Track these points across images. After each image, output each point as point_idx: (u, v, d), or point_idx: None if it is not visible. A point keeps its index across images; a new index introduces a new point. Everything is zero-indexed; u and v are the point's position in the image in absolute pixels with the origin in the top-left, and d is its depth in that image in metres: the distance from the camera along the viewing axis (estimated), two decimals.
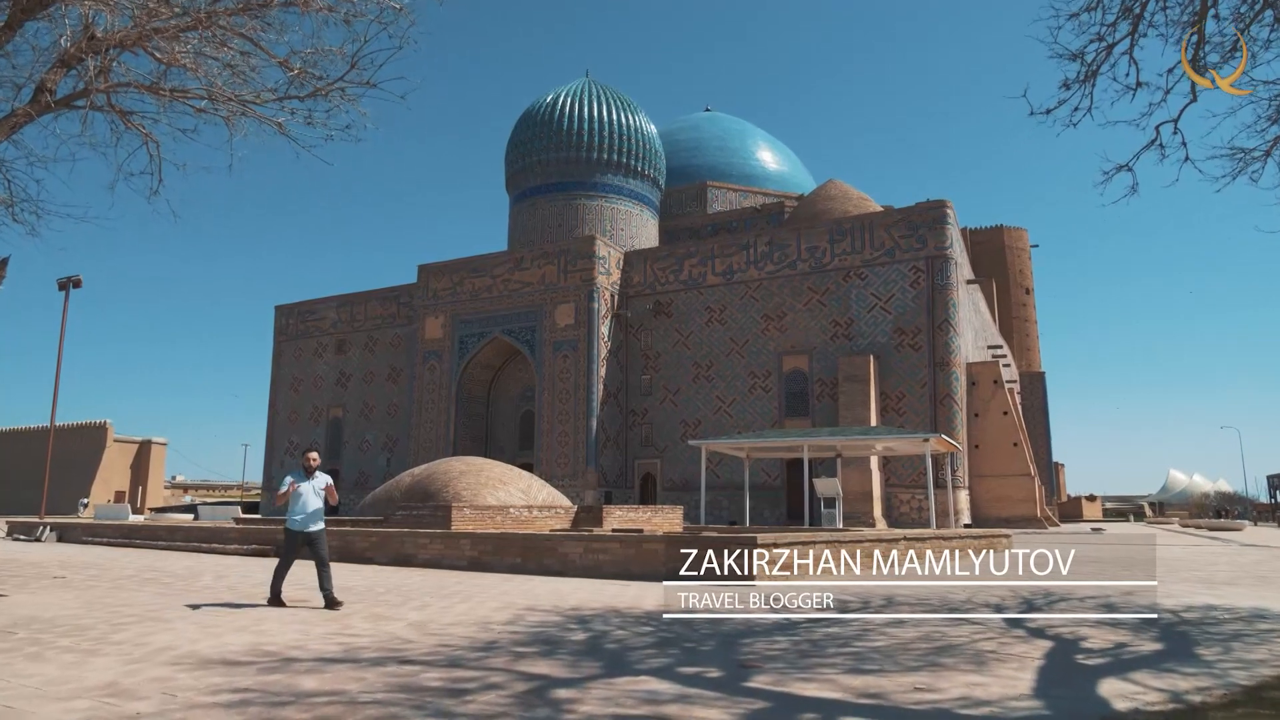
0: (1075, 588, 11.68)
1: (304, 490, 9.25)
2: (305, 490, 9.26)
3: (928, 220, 40.91)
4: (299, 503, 9.23)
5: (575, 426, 43.26)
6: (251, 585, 11.22)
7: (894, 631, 7.62)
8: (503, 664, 6.00)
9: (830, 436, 27.71)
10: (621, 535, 12.84)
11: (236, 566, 14.20)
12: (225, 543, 17.00)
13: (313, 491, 9.30)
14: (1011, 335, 71.75)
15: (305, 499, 9.23)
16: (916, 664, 6.11)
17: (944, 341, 39.55)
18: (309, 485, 9.32)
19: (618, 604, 9.52)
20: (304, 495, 9.23)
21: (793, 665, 6.05)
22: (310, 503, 9.25)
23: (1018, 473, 44.30)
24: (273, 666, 5.80)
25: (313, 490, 9.31)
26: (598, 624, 8.03)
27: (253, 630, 7.40)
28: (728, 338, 43.87)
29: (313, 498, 9.28)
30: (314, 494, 9.30)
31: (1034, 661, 6.23)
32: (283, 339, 58.54)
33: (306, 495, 9.24)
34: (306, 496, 9.24)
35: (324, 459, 53.91)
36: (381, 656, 6.22)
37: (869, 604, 9.68)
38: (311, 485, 9.33)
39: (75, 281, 28.34)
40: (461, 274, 48.68)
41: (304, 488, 9.27)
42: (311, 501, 9.26)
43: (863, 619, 8.46)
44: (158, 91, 9.77)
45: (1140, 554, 20.07)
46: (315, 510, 9.28)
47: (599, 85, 55.22)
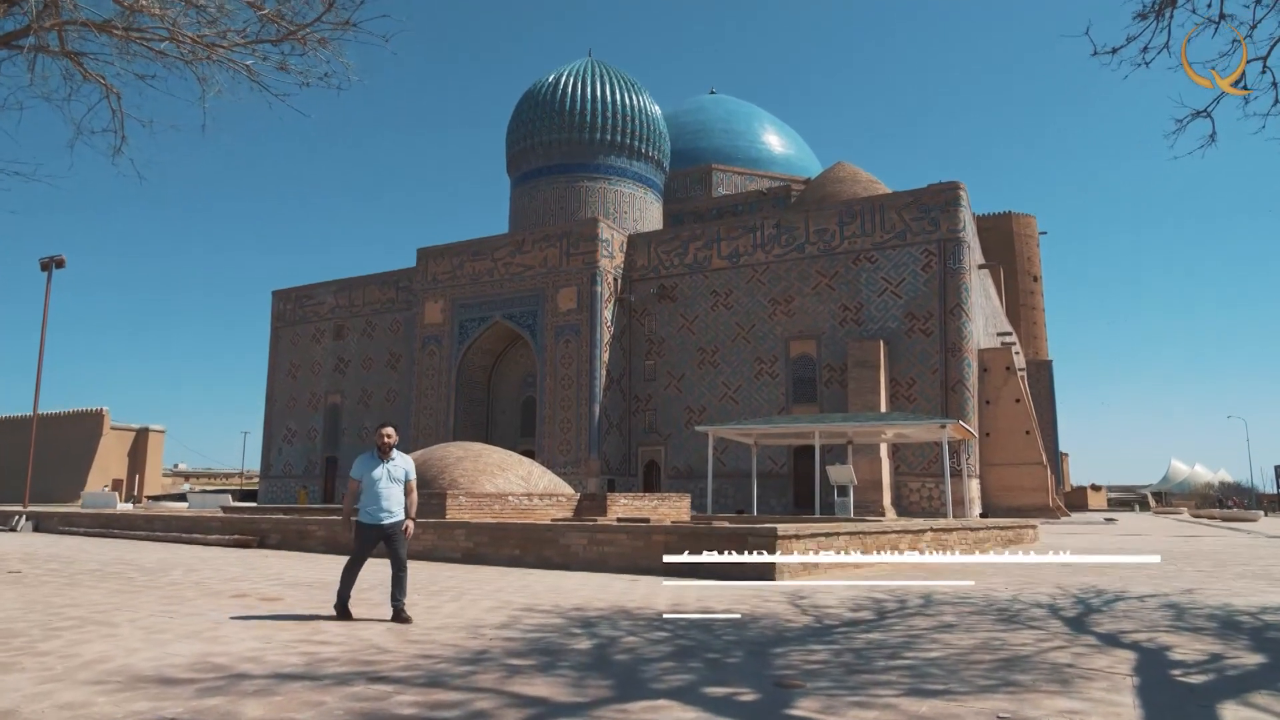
0: (1125, 584, 10.68)
1: (378, 476, 7.57)
2: (380, 476, 7.57)
3: (940, 202, 39.81)
4: (371, 491, 7.54)
5: (578, 413, 42.28)
6: (222, 581, 10.24)
7: (946, 639, 6.62)
8: (492, 682, 5.00)
9: (843, 422, 26.68)
10: (628, 526, 11.85)
11: (214, 559, 13.22)
12: (207, 533, 16.02)
13: (388, 477, 7.62)
14: (1019, 323, 70.75)
15: (379, 486, 7.55)
16: (988, 682, 5.11)
17: (956, 327, 38.52)
18: (384, 470, 7.61)
19: (626, 603, 8.53)
20: (378, 482, 7.56)
21: (840, 684, 5.05)
22: (386, 491, 7.57)
23: (1030, 461, 43.31)
24: (215, 687, 4.80)
25: (388, 476, 7.62)
26: (604, 628, 7.03)
27: (206, 637, 6.41)
28: (733, 322, 42.82)
29: (389, 485, 7.61)
30: (390, 480, 7.63)
31: (1125, 679, 5.23)
32: (280, 324, 57.56)
33: (381, 482, 7.57)
34: (381, 483, 7.57)
35: (321, 447, 53.89)
36: (349, 672, 5.22)
37: (906, 604, 8.68)
38: (387, 470, 7.62)
39: (58, 261, 27.34)
40: (461, 257, 47.63)
41: (378, 474, 7.57)
42: (387, 489, 7.59)
43: (906, 623, 7.45)
44: (111, 30, 8.72)
45: (1175, 546, 19.06)
46: (393, 499, 7.60)
47: (602, 65, 54.00)
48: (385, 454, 7.65)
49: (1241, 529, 33.09)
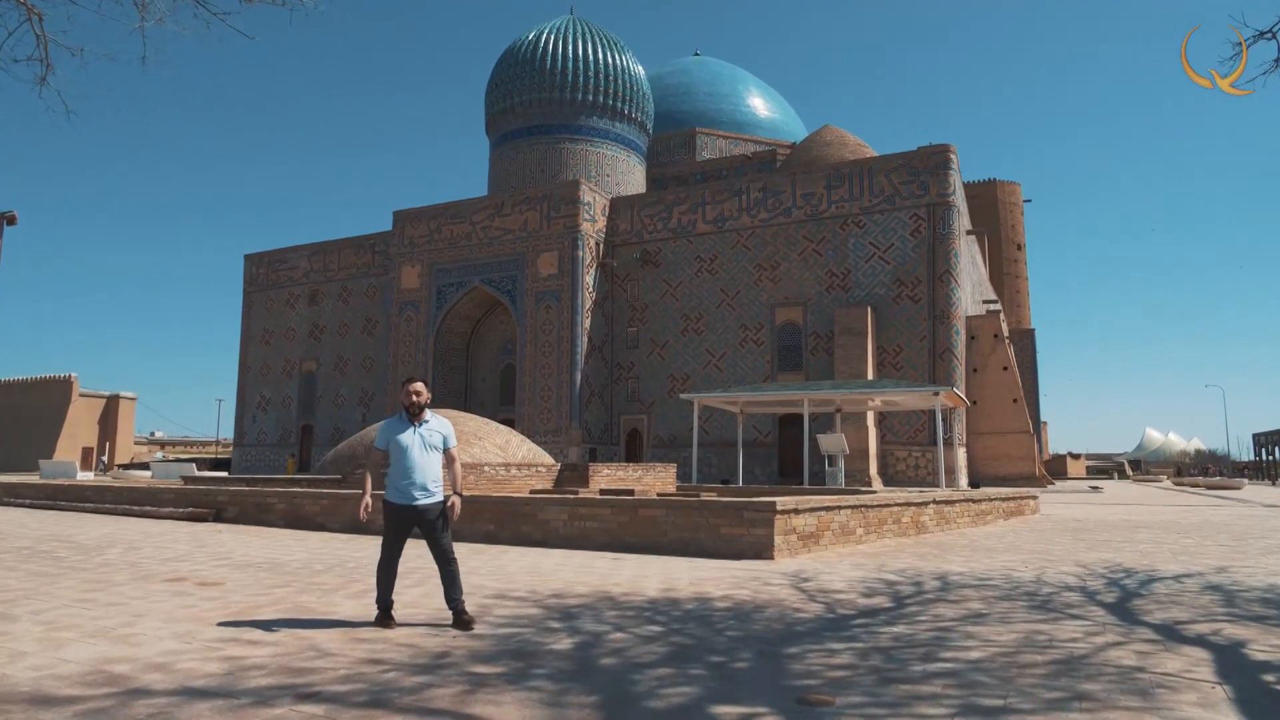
0: (1150, 560, 9.87)
1: (407, 444, 5.82)
2: (409, 444, 5.83)
3: (930, 165, 38.84)
4: (400, 463, 5.82)
5: (558, 381, 41.27)
6: (161, 561, 9.22)
7: (982, 633, 5.74)
8: (450, 701, 4.05)
9: (834, 390, 25.83)
10: (612, 500, 10.91)
11: (161, 534, 12.18)
12: (160, 505, 14.95)
13: (421, 445, 5.85)
14: (1002, 291, 70.37)
15: (409, 457, 5.80)
16: (1053, 694, 4.21)
17: (945, 293, 37.72)
18: (415, 437, 5.85)
19: (611, 588, 7.60)
20: (408, 451, 5.81)
21: (876, 700, 4.13)
22: (418, 463, 5.80)
23: (1017, 430, 42.86)
24: (100, 709, 3.82)
25: (421, 444, 5.85)
26: (587, 621, 6.10)
27: (116, 635, 5.41)
28: (718, 289, 41.83)
29: (421, 454, 5.83)
30: (423, 449, 5.85)
31: (1215, 689, 4.35)
32: (253, 289, 55.99)
33: (412, 451, 5.82)
34: (412, 452, 5.81)
35: (296, 415, 52.58)
36: (274, 685, 4.25)
37: (922, 587, 7.81)
38: (419, 436, 5.87)
39: (9, 218, 25.87)
40: (439, 220, 46.23)
41: (407, 440, 5.83)
42: (421, 460, 5.82)
43: (929, 612, 6.56)
44: None
45: (1178, 518, 18.40)
46: (428, 473, 5.84)
47: (584, 23, 52.34)
48: (416, 416, 5.93)
49: (1230, 497, 32.71)
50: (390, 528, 5.90)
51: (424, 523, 5.83)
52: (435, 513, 5.84)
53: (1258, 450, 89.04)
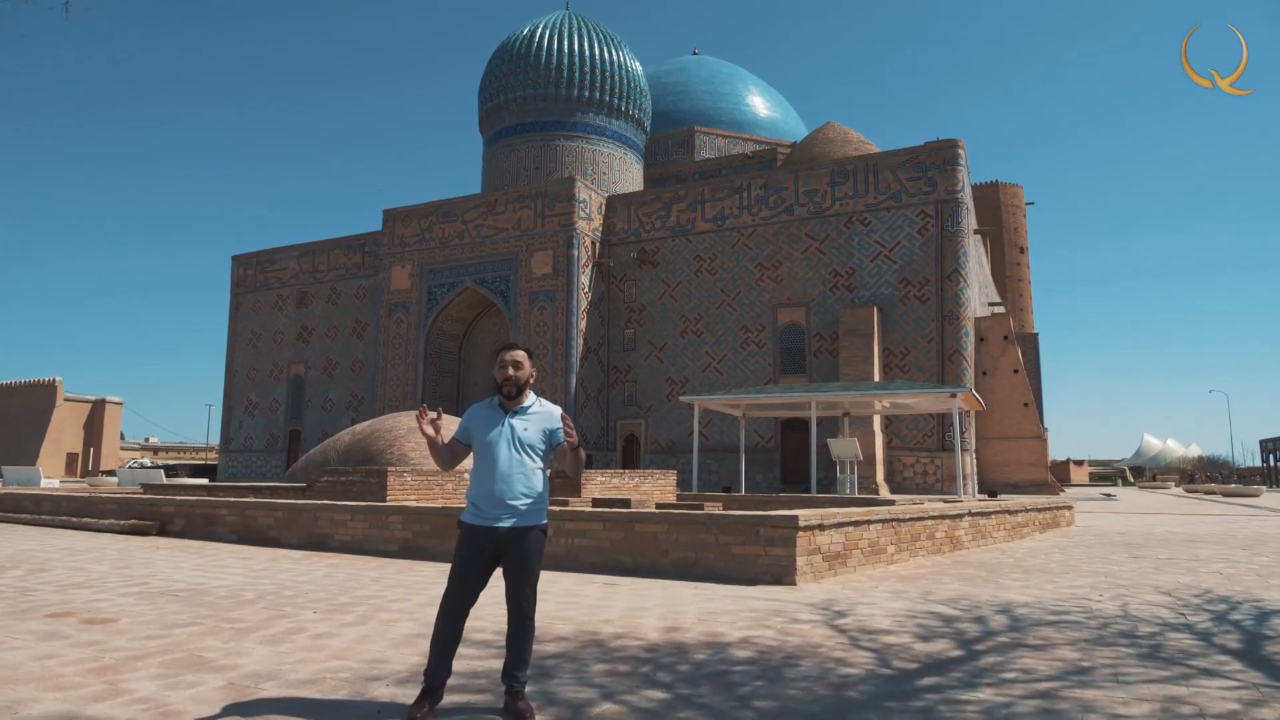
0: (1243, 586, 8.36)
1: (492, 440, 4.04)
2: (494, 440, 4.03)
3: (937, 161, 37.42)
4: (481, 468, 4.06)
5: (552, 384, 39.74)
6: (61, 587, 7.67)
7: (1098, 700, 4.22)
8: None
9: (843, 392, 24.33)
10: (605, 513, 9.40)
11: (88, 551, 10.62)
12: (100, 517, 13.40)
13: (510, 445, 4.02)
14: (1005, 294, 68.99)
15: (494, 458, 4.01)
16: None
17: (953, 293, 36.29)
18: (506, 430, 4.04)
19: (601, 626, 6.10)
20: (492, 450, 4.02)
21: None
22: (507, 467, 3.99)
23: (1028, 435, 41.45)
24: None
25: (511, 442, 4.02)
26: (567, 681, 4.60)
27: None
28: (718, 289, 40.35)
29: (513, 457, 4.01)
30: (516, 449, 4.02)
31: None
32: (240, 291, 54.46)
33: (497, 450, 4.01)
34: (497, 452, 4.01)
35: (284, 419, 50.95)
36: None
37: (987, 625, 6.30)
38: (510, 431, 4.04)
39: None
40: (430, 219, 44.77)
41: (491, 435, 4.04)
42: (507, 465, 3.99)
43: (1015, 665, 5.04)
44: None
45: (1217, 530, 16.89)
46: (515, 483, 3.99)
47: (580, 17, 50.97)
48: (512, 400, 4.10)
49: (1257, 506, 31.22)
50: (461, 561, 4.05)
51: (507, 555, 4.03)
52: (523, 542, 4.02)
53: (1265, 456, 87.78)
